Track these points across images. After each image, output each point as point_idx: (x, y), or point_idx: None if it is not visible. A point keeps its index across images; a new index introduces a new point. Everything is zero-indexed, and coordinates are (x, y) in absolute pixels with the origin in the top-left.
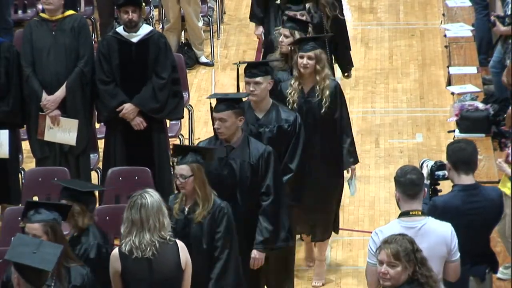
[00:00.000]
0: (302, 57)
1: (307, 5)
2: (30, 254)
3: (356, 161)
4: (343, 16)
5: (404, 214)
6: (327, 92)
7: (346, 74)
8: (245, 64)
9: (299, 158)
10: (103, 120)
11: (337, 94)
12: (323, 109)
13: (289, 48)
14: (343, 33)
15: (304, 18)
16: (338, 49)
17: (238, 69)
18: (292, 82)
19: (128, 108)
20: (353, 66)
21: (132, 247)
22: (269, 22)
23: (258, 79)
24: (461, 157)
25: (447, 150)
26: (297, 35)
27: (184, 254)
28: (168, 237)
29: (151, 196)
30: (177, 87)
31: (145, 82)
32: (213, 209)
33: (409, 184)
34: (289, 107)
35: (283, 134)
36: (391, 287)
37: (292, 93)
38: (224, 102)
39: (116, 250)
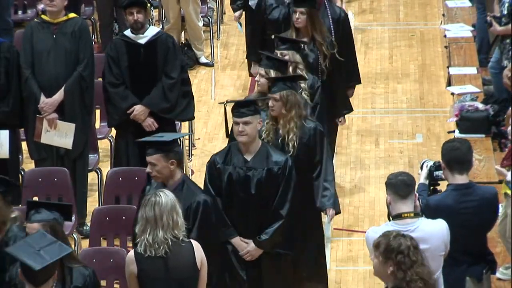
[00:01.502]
0: (269, 99)
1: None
2: (31, 251)
3: (335, 206)
4: (351, 36)
5: (396, 217)
6: (292, 135)
7: (339, 119)
8: (233, 103)
9: (290, 203)
10: (115, 123)
11: (316, 137)
12: (291, 152)
13: (266, 87)
14: (341, 72)
15: (286, 57)
16: (337, 89)
17: (225, 108)
18: (266, 122)
19: (138, 110)
20: (351, 110)
21: (146, 245)
22: None
23: (247, 118)
24: (455, 156)
25: (442, 150)
26: (272, 74)
27: (200, 253)
28: (181, 237)
29: (166, 195)
30: (187, 87)
31: (154, 83)
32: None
33: (400, 184)
34: None
35: (273, 178)
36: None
37: (266, 133)
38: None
39: (131, 252)
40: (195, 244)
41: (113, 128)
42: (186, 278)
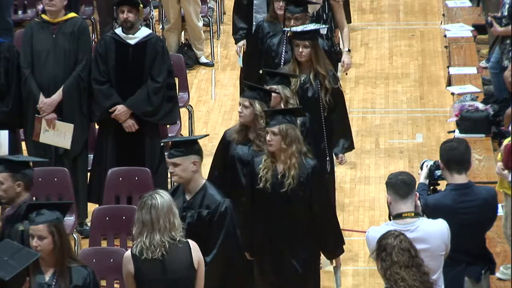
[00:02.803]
0: (266, 133)
1: (303, 75)
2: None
3: (338, 250)
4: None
5: (397, 216)
6: (293, 172)
7: (338, 158)
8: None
9: (216, 251)
10: (96, 120)
11: (314, 177)
12: (288, 191)
13: (249, 119)
14: (341, 108)
15: (278, 91)
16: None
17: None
18: (265, 159)
19: (120, 110)
20: (350, 149)
21: (142, 248)
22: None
23: (175, 160)
24: (453, 156)
25: (440, 150)
26: (257, 105)
27: (197, 253)
28: (178, 238)
29: (162, 197)
30: (172, 92)
31: (140, 84)
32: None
33: (400, 183)
34: (261, 185)
35: (202, 221)
36: None
37: (264, 171)
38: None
39: (128, 252)
40: (192, 244)
41: None
42: (183, 278)
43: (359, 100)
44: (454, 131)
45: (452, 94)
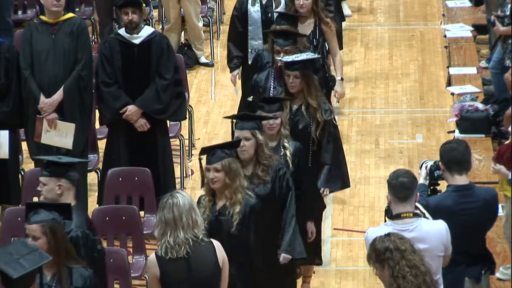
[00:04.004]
0: (208, 170)
1: (294, 106)
2: (11, 259)
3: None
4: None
5: (396, 216)
6: (238, 208)
7: (324, 191)
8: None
9: None
10: (106, 122)
11: (252, 215)
12: (233, 228)
13: (252, 152)
14: (334, 142)
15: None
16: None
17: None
18: (202, 199)
19: (131, 110)
20: (343, 188)
21: (167, 248)
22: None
23: (42, 178)
24: (453, 157)
25: (440, 152)
26: (259, 135)
27: (221, 252)
28: (201, 237)
29: (182, 196)
30: (180, 88)
31: (147, 83)
32: None
33: (399, 186)
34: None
35: None
36: None
37: (203, 210)
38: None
39: (153, 255)
40: (216, 244)
41: None
42: (209, 278)
43: (359, 100)
44: (454, 131)
45: (452, 94)
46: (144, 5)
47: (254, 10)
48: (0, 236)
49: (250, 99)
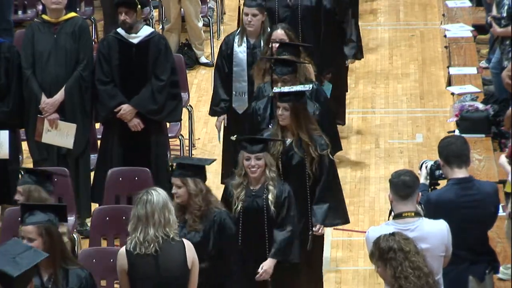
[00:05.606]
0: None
1: (288, 140)
2: (7, 258)
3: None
4: None
5: (397, 216)
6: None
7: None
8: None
9: None
10: (101, 120)
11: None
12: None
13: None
14: (330, 177)
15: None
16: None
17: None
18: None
19: (126, 109)
20: (342, 224)
21: (136, 243)
22: None
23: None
24: (451, 151)
25: (438, 148)
26: (191, 184)
27: (191, 253)
28: (172, 235)
29: (158, 193)
30: (176, 89)
31: (144, 83)
32: None
33: (401, 185)
34: None
35: None
36: None
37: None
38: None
39: (123, 248)
40: (187, 244)
41: None
42: (177, 277)
43: (359, 100)
44: (454, 131)
45: (452, 94)
46: (139, 6)
47: (240, 51)
48: (0, 236)
49: (233, 138)
